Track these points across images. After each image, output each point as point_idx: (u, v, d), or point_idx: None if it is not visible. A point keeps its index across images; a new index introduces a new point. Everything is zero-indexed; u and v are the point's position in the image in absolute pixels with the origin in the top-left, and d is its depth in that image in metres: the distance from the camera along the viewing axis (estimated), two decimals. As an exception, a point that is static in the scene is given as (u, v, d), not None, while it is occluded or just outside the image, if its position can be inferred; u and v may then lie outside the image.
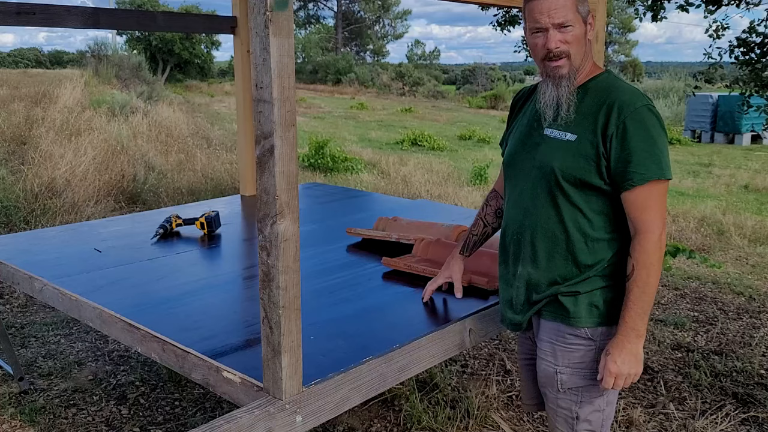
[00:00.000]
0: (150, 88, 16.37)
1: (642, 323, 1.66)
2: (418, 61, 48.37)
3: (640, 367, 1.68)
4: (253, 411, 1.52)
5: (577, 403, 1.79)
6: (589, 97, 1.71)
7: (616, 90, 1.69)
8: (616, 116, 1.64)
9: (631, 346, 1.66)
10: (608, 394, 1.80)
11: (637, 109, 1.64)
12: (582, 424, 1.80)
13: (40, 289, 2.38)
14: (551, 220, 1.75)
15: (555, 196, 1.73)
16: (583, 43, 1.70)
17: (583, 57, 1.73)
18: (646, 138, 1.62)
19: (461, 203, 7.40)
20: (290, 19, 1.40)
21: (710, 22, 5.70)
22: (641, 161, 1.62)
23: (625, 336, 1.66)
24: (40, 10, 2.94)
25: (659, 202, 1.64)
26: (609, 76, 1.76)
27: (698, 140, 16.75)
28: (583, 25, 1.69)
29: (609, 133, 1.64)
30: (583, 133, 1.69)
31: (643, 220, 1.63)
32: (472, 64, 46.25)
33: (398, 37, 51.37)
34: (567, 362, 1.78)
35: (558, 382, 1.80)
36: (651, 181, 1.62)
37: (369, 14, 48.55)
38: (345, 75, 38.09)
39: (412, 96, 33.00)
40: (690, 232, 6.47)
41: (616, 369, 1.66)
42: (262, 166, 1.45)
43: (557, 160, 1.71)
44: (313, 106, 23.09)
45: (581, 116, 1.70)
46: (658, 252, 1.64)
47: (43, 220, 5.62)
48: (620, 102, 1.65)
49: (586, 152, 1.67)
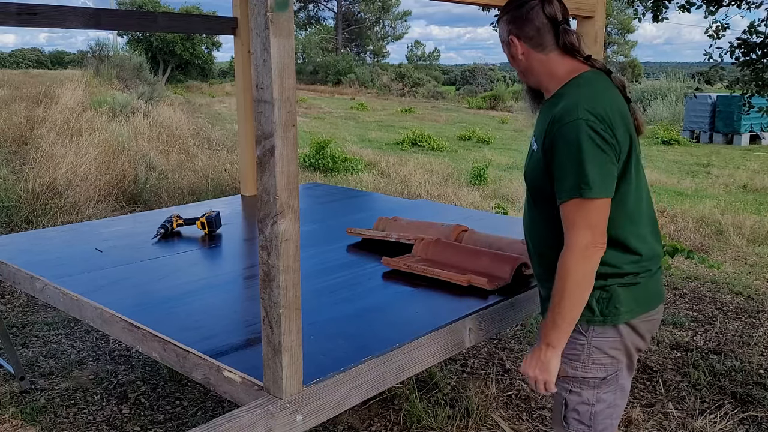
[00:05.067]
0: (151, 88, 16.38)
1: (555, 333, 1.67)
2: (417, 61, 48.38)
3: (548, 375, 1.72)
4: (253, 410, 1.53)
5: (567, 391, 1.83)
6: (551, 108, 1.70)
7: (560, 100, 1.68)
8: (550, 129, 1.64)
9: (540, 353, 1.71)
10: (599, 392, 1.80)
11: (568, 124, 1.60)
12: (570, 413, 1.84)
13: (42, 288, 2.39)
14: (533, 223, 1.83)
15: (533, 202, 1.81)
16: (517, 63, 1.79)
17: (533, 72, 1.77)
18: (572, 154, 1.59)
19: (461, 203, 7.41)
20: (290, 19, 1.41)
21: (710, 23, 5.70)
22: (564, 178, 1.61)
23: (539, 342, 1.73)
24: (41, 11, 2.95)
25: (584, 219, 1.60)
26: (573, 82, 1.72)
27: (697, 140, 16.75)
28: (506, 50, 1.80)
29: (546, 146, 1.66)
30: (539, 144, 1.71)
31: (567, 235, 1.63)
32: (471, 64, 46.28)
33: (398, 38, 51.38)
34: (562, 352, 1.82)
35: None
36: (573, 199, 1.60)
37: (369, 15, 48.53)
38: (345, 76, 38.09)
39: (412, 96, 33.00)
40: (689, 232, 6.48)
41: (524, 369, 1.76)
42: (263, 167, 1.46)
43: (527, 168, 1.80)
44: (314, 107, 23.10)
45: (541, 126, 1.72)
46: (577, 266, 1.61)
47: (45, 220, 5.63)
48: (555, 115, 1.64)
49: (540, 163, 1.70)
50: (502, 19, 1.78)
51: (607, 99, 1.67)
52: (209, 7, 67.89)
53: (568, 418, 1.84)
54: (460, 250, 2.50)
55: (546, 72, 1.75)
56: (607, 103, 1.65)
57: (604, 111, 1.62)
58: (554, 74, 1.74)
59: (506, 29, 1.76)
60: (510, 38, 1.76)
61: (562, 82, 1.72)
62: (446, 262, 2.46)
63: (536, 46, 1.73)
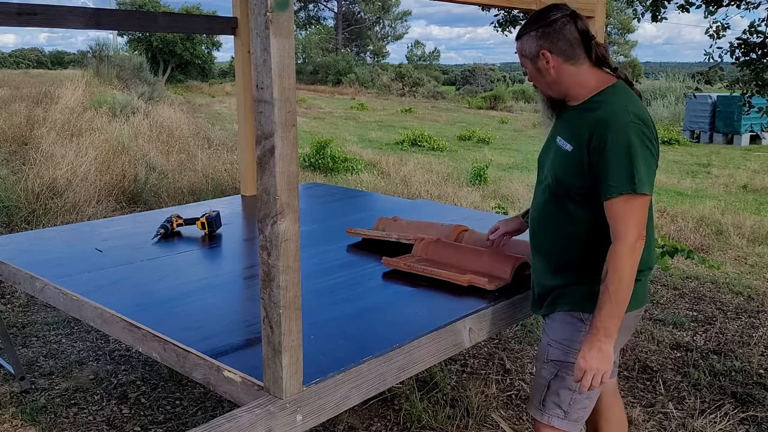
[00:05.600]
0: (151, 88, 16.38)
1: (611, 323, 1.74)
2: (417, 61, 48.39)
3: (608, 365, 1.77)
4: (253, 410, 1.53)
5: (552, 375, 1.93)
6: (588, 113, 1.82)
7: (607, 106, 1.79)
8: (599, 131, 1.75)
9: (600, 344, 1.76)
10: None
11: (619, 126, 1.73)
12: (551, 396, 1.94)
13: (42, 288, 2.39)
14: (551, 218, 1.92)
15: (556, 199, 1.89)
16: (543, 76, 1.89)
17: (561, 83, 1.87)
18: (623, 154, 1.71)
19: (461, 203, 7.41)
20: (291, 19, 1.41)
21: (710, 23, 5.70)
22: (615, 175, 1.71)
23: (595, 334, 1.76)
24: (41, 11, 2.95)
25: (634, 214, 1.71)
26: (611, 90, 1.84)
27: (697, 140, 16.75)
28: (532, 64, 1.89)
29: (593, 147, 1.76)
30: (576, 145, 1.81)
31: (618, 229, 1.73)
32: (471, 64, 46.31)
33: (398, 38, 51.40)
34: (558, 337, 1.94)
35: (545, 353, 1.97)
36: (624, 194, 1.71)
37: (369, 15, 48.54)
38: (345, 76, 38.09)
39: (412, 96, 33.00)
40: (689, 232, 6.48)
41: (585, 364, 1.77)
42: (263, 167, 1.46)
43: (557, 167, 1.88)
44: (314, 107, 23.10)
45: (578, 129, 1.82)
46: (628, 258, 1.72)
47: (45, 220, 5.63)
48: (605, 118, 1.75)
49: (577, 162, 1.80)
50: (529, 35, 1.87)
51: (643, 107, 1.82)
52: (209, 7, 67.91)
53: (546, 401, 1.95)
54: (460, 250, 2.50)
55: (576, 83, 1.86)
56: (645, 110, 1.81)
57: (646, 117, 1.78)
58: (584, 84, 1.86)
59: (536, 44, 1.85)
60: (542, 52, 1.85)
61: (593, 91, 1.85)
62: (446, 262, 2.46)
63: (569, 59, 1.84)
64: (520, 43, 1.90)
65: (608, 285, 1.73)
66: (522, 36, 1.90)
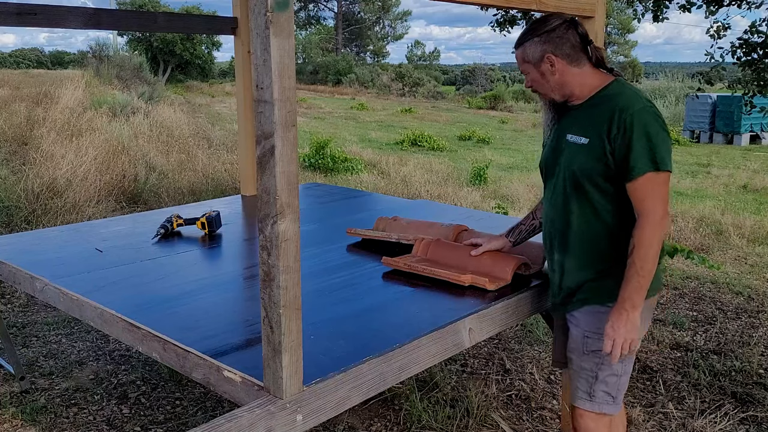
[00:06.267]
0: (151, 88, 16.39)
1: (638, 295, 1.85)
2: (417, 61, 48.41)
3: (635, 334, 1.87)
4: (253, 410, 1.53)
5: (597, 365, 2.01)
6: (599, 106, 1.95)
7: (620, 96, 1.92)
8: (618, 118, 1.87)
9: (627, 314, 1.85)
10: (625, 363, 2.01)
11: (637, 111, 1.86)
12: (599, 384, 2.02)
13: (42, 288, 2.39)
14: (574, 214, 1.99)
15: (577, 193, 1.97)
16: (547, 80, 1.99)
17: (566, 84, 1.99)
18: (643, 135, 1.83)
19: (461, 203, 7.41)
20: (291, 19, 1.41)
21: (711, 23, 5.70)
22: (638, 156, 1.83)
23: (622, 305, 1.86)
24: (41, 11, 2.95)
25: (658, 190, 1.83)
26: (616, 84, 1.98)
27: (697, 140, 16.75)
28: (535, 69, 1.99)
29: (613, 134, 1.87)
30: (593, 137, 1.92)
31: (644, 206, 1.83)
32: (471, 64, 46.27)
33: (398, 38, 51.38)
34: (594, 328, 2.00)
35: (584, 345, 2.03)
36: (648, 173, 1.82)
37: (369, 15, 48.54)
38: (345, 76, 38.08)
39: (412, 96, 32.99)
40: (689, 232, 6.48)
41: (613, 333, 1.87)
42: (263, 167, 1.46)
43: (575, 162, 1.97)
44: (314, 107, 23.10)
45: (592, 122, 1.94)
46: (656, 232, 1.82)
47: (45, 220, 5.63)
48: (622, 106, 1.88)
49: (596, 153, 1.91)
50: (531, 41, 1.98)
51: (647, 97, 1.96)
52: (209, 7, 67.78)
53: (596, 390, 2.03)
54: (460, 250, 2.50)
55: (580, 83, 1.99)
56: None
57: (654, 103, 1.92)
58: (588, 83, 1.99)
59: (540, 49, 1.97)
60: (546, 56, 1.96)
61: (596, 89, 1.98)
62: (446, 262, 2.46)
63: (573, 61, 1.97)
64: (522, 49, 2.00)
65: (635, 259, 1.83)
66: (523, 43, 2.00)
